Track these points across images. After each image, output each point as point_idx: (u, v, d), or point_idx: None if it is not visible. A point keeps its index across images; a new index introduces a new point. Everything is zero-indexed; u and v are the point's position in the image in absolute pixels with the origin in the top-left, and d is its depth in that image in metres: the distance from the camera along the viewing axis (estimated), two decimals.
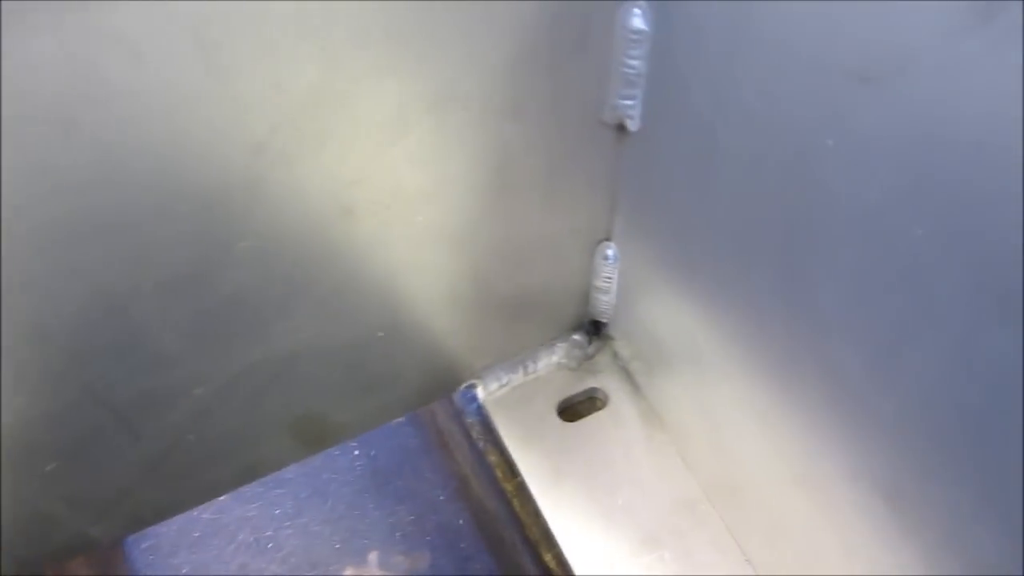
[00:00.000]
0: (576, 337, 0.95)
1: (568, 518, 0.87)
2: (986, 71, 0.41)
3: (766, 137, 0.57)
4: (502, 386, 0.95)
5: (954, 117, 0.44)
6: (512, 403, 0.95)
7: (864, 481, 0.62)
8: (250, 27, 0.52)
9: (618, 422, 0.93)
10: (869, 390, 0.58)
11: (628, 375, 0.96)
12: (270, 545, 1.06)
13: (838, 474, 0.65)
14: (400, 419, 1.08)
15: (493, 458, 0.93)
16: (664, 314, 0.84)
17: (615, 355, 0.97)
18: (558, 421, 0.94)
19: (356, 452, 1.16)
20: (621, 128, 0.74)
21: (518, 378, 0.95)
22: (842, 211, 0.53)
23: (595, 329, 0.96)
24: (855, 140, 0.50)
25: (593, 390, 0.96)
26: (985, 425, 0.50)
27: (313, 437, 0.87)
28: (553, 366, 0.96)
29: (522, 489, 0.90)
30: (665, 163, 0.72)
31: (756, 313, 0.68)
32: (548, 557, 0.87)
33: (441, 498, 1.11)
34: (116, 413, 0.70)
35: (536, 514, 0.89)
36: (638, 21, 0.65)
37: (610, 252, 0.86)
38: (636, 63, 0.68)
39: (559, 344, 0.96)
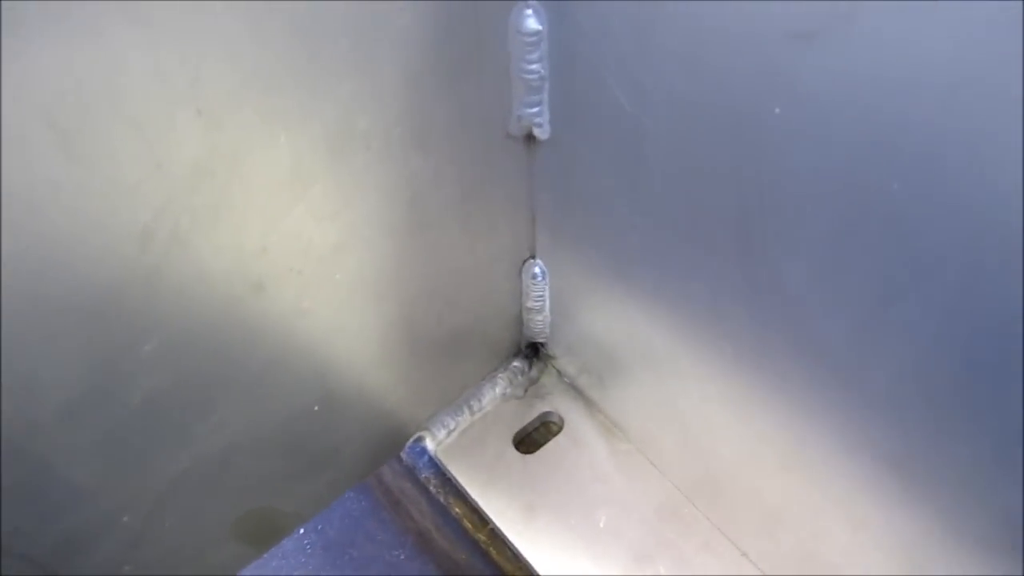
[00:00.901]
0: (516, 364, 0.90)
1: (551, 554, 0.82)
2: (938, 14, 0.38)
3: (703, 119, 0.53)
4: (451, 432, 0.88)
5: (913, 60, 0.41)
6: (465, 447, 0.88)
7: (864, 454, 0.59)
8: (108, 105, 0.45)
9: (579, 442, 0.88)
10: (855, 362, 0.55)
11: (578, 392, 0.91)
12: None
13: (834, 452, 0.61)
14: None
15: (458, 510, 0.87)
16: (607, 322, 0.79)
17: (560, 374, 0.92)
18: (517, 455, 0.88)
19: (302, 531, 1.08)
20: (531, 138, 0.69)
21: (465, 420, 0.89)
22: (803, 180, 0.50)
23: (534, 351, 0.91)
24: (806, 103, 0.47)
25: (546, 415, 0.91)
26: (993, 373, 0.47)
27: (262, 535, 0.79)
28: (499, 399, 0.90)
29: (495, 536, 0.84)
30: (585, 167, 0.67)
31: (713, 303, 0.64)
32: None
33: (401, 557, 1.04)
34: (38, 564, 0.61)
35: (516, 558, 0.83)
36: (532, 22, 0.61)
37: (537, 270, 0.81)
38: (536, 67, 0.63)
39: (500, 375, 0.90)
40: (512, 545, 0.83)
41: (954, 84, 0.39)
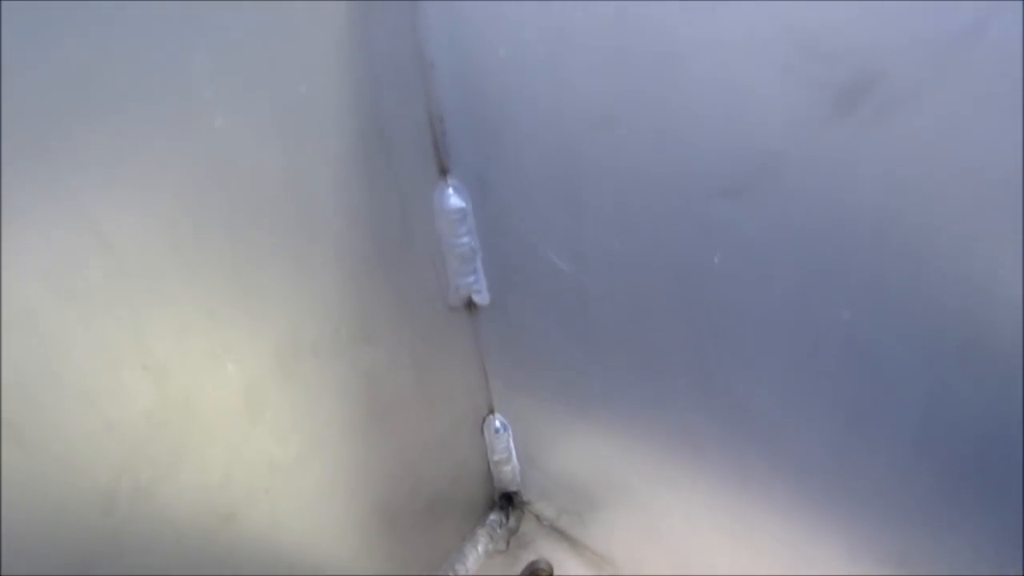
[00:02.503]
0: (493, 517, 0.88)
1: None
2: (858, 154, 0.40)
3: (643, 273, 0.54)
4: None
5: (840, 202, 0.42)
6: None
7: (867, 557, 0.59)
8: (52, 388, 0.44)
9: None
10: (838, 475, 0.55)
11: (560, 533, 0.89)
12: None
13: (836, 557, 0.61)
14: None
15: None
16: (577, 461, 0.79)
17: (539, 519, 0.91)
18: None
19: None
20: (471, 305, 0.69)
21: None
22: (753, 319, 0.51)
23: (509, 501, 0.90)
24: (743, 250, 0.48)
25: (534, 564, 0.89)
26: (978, 470, 0.48)
27: None
28: (483, 557, 0.88)
29: None
30: (530, 324, 0.67)
31: (684, 433, 0.64)
32: None
33: None
34: None
35: None
36: (455, 200, 0.62)
37: (498, 423, 0.80)
38: (465, 239, 0.64)
39: (480, 531, 0.88)
40: None
41: (883, 221, 0.41)
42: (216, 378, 0.52)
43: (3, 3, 0.36)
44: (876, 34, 0.36)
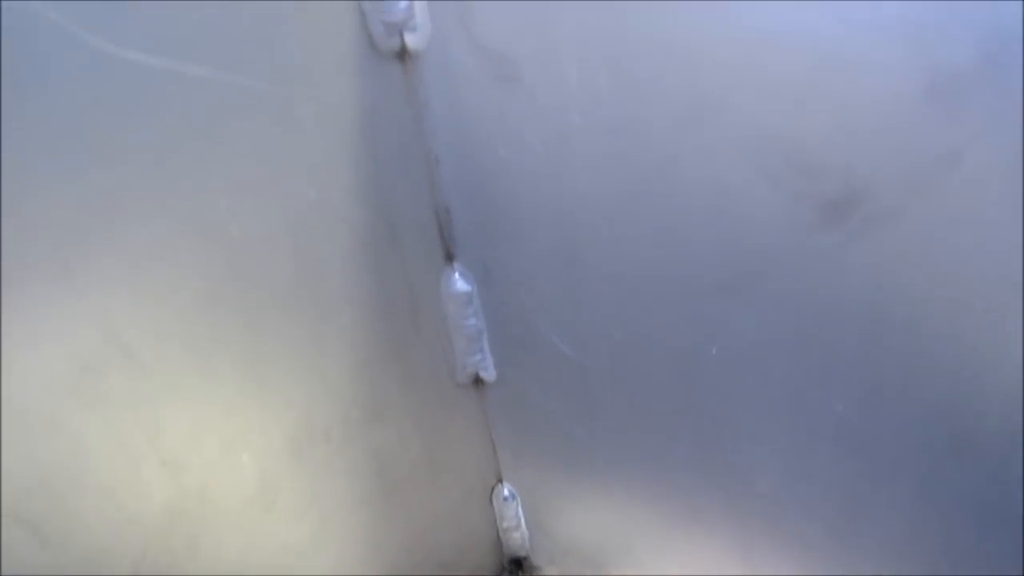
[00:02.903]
0: None
1: None
2: (846, 260, 0.42)
3: (643, 360, 0.56)
4: None
5: (830, 303, 0.44)
6: None
7: None
8: (72, 488, 0.45)
9: None
10: (842, 547, 0.56)
11: None
12: None
13: None
14: None
15: None
16: (584, 527, 0.80)
17: None
18: None
19: None
20: (479, 381, 0.71)
21: None
22: (749, 406, 0.52)
23: (518, 566, 0.91)
24: (740, 342, 0.50)
25: None
26: (972, 548, 0.49)
27: None
28: None
29: None
30: (535, 399, 0.69)
31: (687, 506, 0.65)
32: None
33: None
34: None
35: None
36: (461, 284, 0.63)
37: (507, 492, 0.82)
38: (472, 321, 0.66)
39: None
40: None
41: (872, 322, 0.43)
42: (231, 468, 0.54)
43: (35, 134, 0.38)
44: (860, 154, 0.38)
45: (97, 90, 0.40)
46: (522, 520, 0.85)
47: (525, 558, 0.90)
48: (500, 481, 0.81)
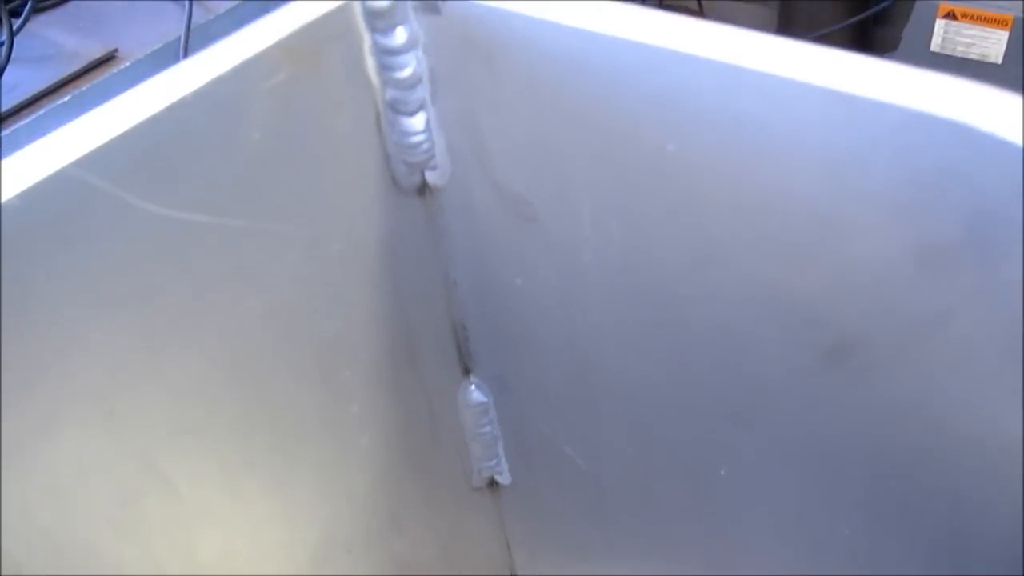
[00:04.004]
0: None
1: None
2: (848, 399, 0.44)
3: (655, 478, 0.58)
4: None
5: (833, 435, 0.47)
6: None
7: None
8: None
9: None
10: None
11: None
12: None
13: None
14: None
15: None
16: None
17: None
18: None
19: None
20: (494, 484, 0.73)
21: None
22: (757, 525, 0.54)
23: None
24: (745, 467, 0.52)
25: None
26: None
27: None
28: None
29: None
30: (551, 504, 0.71)
31: None
32: None
33: None
34: None
35: None
36: (477, 395, 0.66)
37: None
38: (488, 428, 0.68)
39: None
40: None
41: (874, 455, 0.45)
42: None
43: (83, 288, 0.41)
44: (855, 309, 0.41)
45: (143, 246, 0.43)
46: None
47: None
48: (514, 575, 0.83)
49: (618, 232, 0.47)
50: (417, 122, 0.51)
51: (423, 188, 0.55)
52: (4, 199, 0.37)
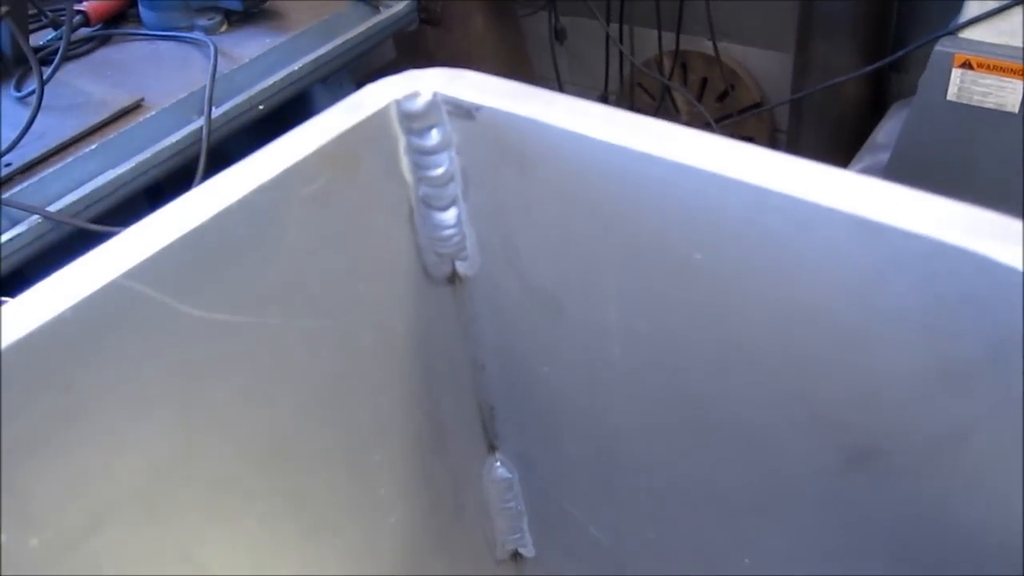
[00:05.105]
0: None
1: None
2: (870, 499, 0.45)
3: (677, 563, 0.59)
4: None
5: (854, 531, 0.47)
6: None
7: None
8: None
9: None
10: None
11: None
12: None
13: None
14: None
15: None
16: None
17: None
18: None
19: None
20: (517, 555, 0.74)
21: None
22: None
23: None
24: (769, 557, 0.53)
25: None
26: None
27: None
28: None
29: None
30: (572, 573, 0.72)
31: None
32: None
33: None
34: None
35: None
36: (502, 471, 0.67)
37: None
38: (512, 504, 0.69)
39: None
40: None
41: (897, 555, 0.46)
42: None
43: (131, 394, 0.43)
44: (878, 418, 0.42)
45: (185, 348, 0.44)
46: None
47: None
48: None
49: (645, 331, 0.49)
50: (449, 216, 0.53)
51: (453, 278, 0.57)
52: (58, 312, 0.39)
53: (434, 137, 0.50)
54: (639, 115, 0.44)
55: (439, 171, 0.51)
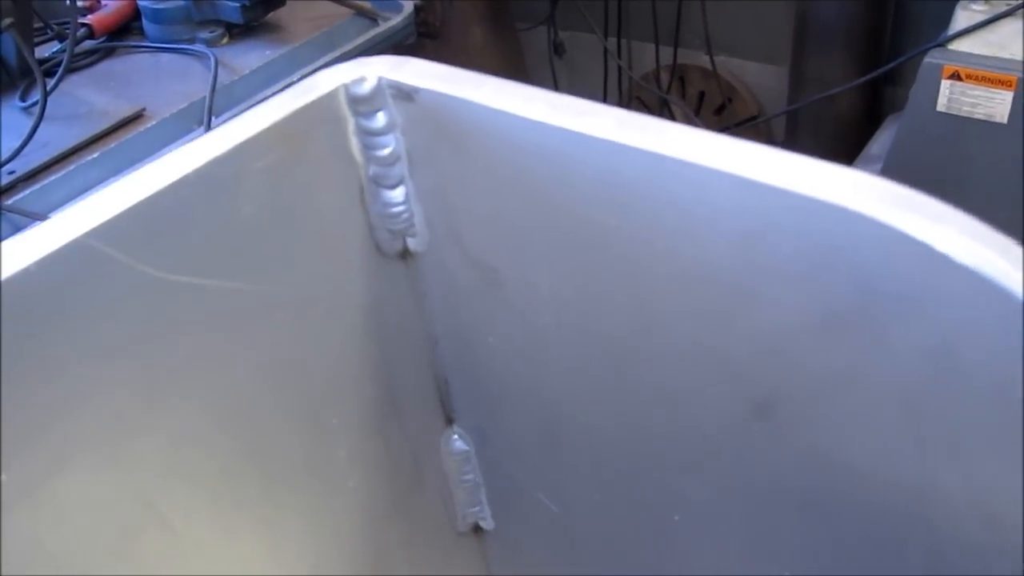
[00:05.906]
0: None
1: None
2: (779, 447, 0.49)
3: (619, 524, 0.62)
4: None
5: (769, 481, 0.51)
6: None
7: None
8: None
9: None
10: None
11: None
12: None
13: None
14: None
15: None
16: None
17: None
18: None
19: None
20: (478, 529, 0.77)
21: None
22: (711, 566, 0.58)
23: None
24: (696, 513, 0.56)
25: None
26: None
27: None
28: None
29: None
30: (528, 544, 0.75)
31: None
32: None
33: None
34: None
35: None
36: (460, 444, 0.71)
37: None
38: (470, 476, 0.72)
39: None
40: None
41: (808, 501, 0.49)
42: None
43: (92, 348, 0.47)
44: (773, 369, 0.45)
45: (146, 307, 0.48)
46: None
47: None
48: None
49: (572, 297, 0.53)
50: (397, 194, 0.57)
51: (405, 253, 0.61)
52: (24, 265, 0.43)
53: (380, 119, 0.54)
54: (561, 95, 0.48)
55: (386, 151, 0.55)
